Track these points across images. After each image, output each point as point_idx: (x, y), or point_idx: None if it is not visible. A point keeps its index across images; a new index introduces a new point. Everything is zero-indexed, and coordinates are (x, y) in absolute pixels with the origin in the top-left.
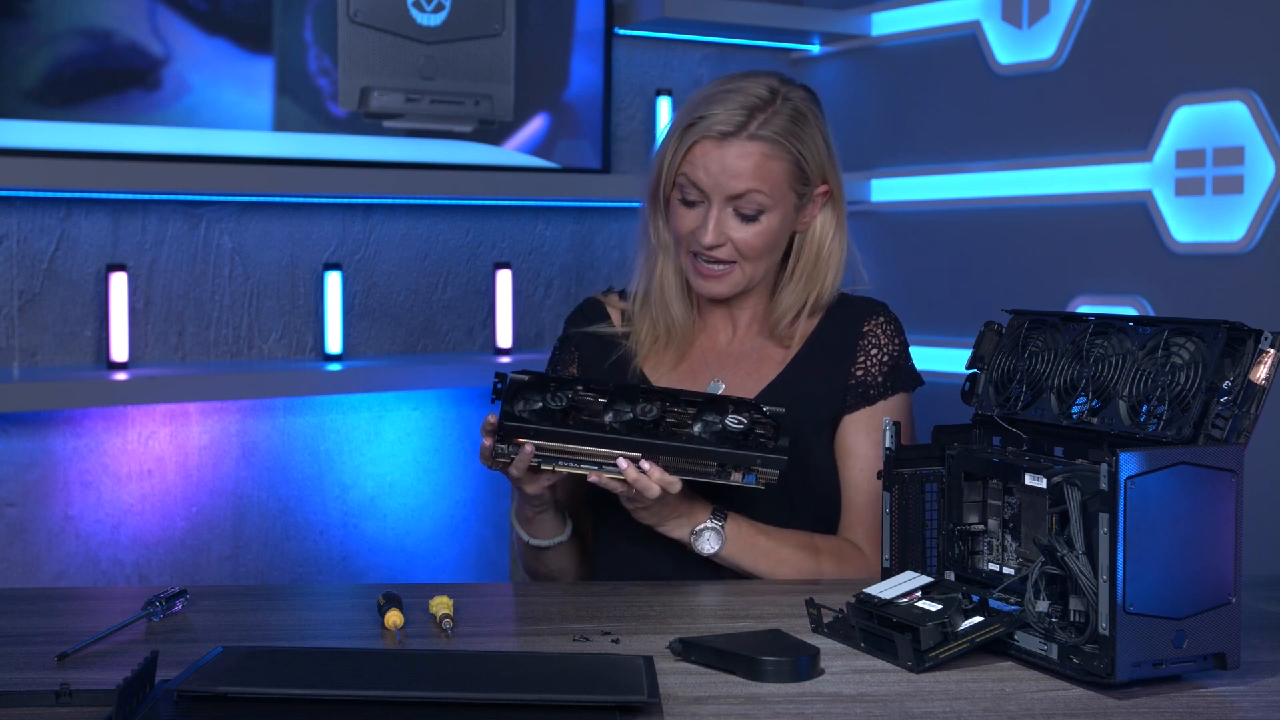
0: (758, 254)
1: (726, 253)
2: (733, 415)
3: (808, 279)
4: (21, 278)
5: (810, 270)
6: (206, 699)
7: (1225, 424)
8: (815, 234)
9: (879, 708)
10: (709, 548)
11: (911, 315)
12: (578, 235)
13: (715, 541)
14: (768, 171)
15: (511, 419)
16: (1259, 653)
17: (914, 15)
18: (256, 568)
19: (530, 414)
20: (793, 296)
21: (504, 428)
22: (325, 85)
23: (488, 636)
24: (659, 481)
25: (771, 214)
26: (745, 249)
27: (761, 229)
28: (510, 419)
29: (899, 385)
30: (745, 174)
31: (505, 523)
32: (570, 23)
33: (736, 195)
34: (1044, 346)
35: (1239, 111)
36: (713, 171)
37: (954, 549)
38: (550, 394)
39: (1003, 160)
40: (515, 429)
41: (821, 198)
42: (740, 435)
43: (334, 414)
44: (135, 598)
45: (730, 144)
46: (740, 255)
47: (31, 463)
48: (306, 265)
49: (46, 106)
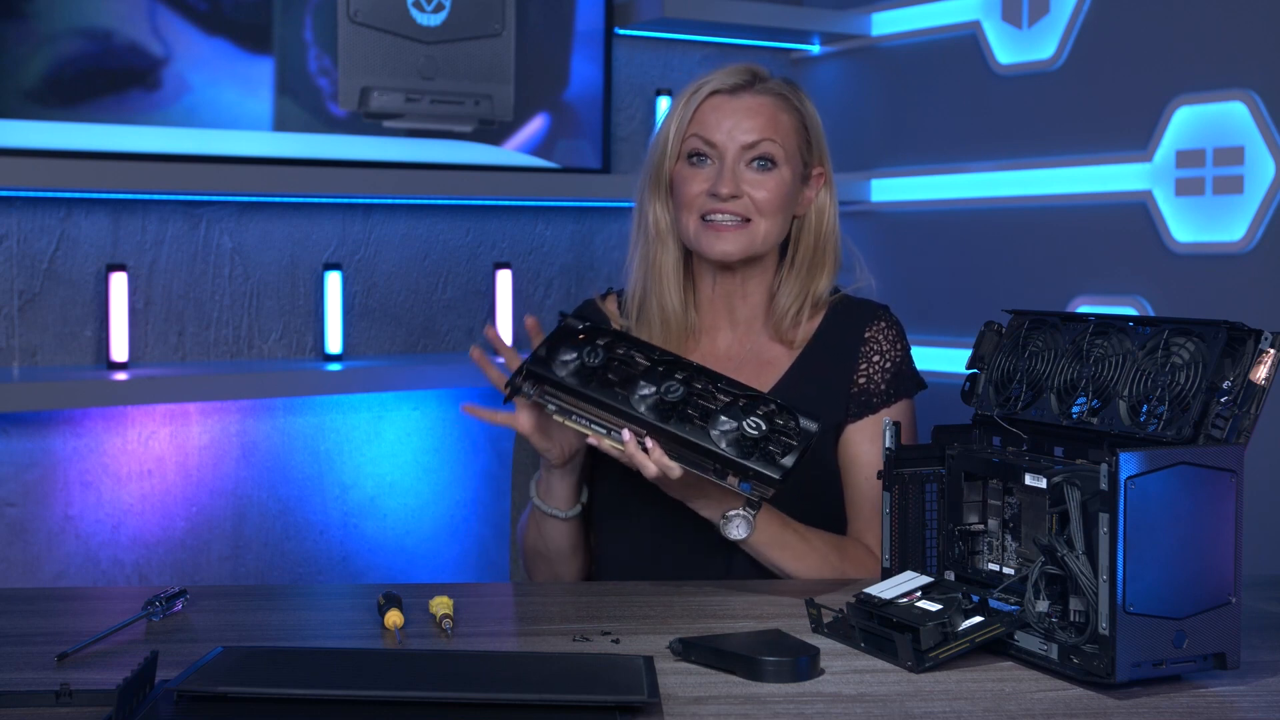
0: (770, 209)
1: (740, 206)
2: (753, 418)
3: (808, 268)
4: (21, 278)
5: (810, 259)
6: (206, 699)
7: (1225, 424)
8: (813, 220)
9: (879, 708)
10: (737, 534)
11: (911, 315)
12: (578, 235)
13: (744, 529)
14: (779, 123)
15: (541, 364)
16: (1259, 653)
17: (914, 15)
18: (256, 568)
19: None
20: (794, 288)
21: (529, 371)
22: (325, 85)
23: (488, 636)
24: (658, 463)
25: (783, 168)
26: (760, 202)
27: (774, 181)
28: (539, 364)
29: (902, 392)
30: (759, 124)
31: (505, 523)
32: (570, 23)
33: (750, 145)
34: (1044, 346)
35: (1239, 111)
36: (725, 125)
37: (954, 549)
38: (590, 349)
39: (1003, 160)
40: (538, 375)
41: (818, 180)
42: (753, 441)
43: (334, 414)
44: (135, 598)
45: (741, 96)
46: (755, 210)
47: (31, 463)
48: (306, 265)
49: (46, 106)
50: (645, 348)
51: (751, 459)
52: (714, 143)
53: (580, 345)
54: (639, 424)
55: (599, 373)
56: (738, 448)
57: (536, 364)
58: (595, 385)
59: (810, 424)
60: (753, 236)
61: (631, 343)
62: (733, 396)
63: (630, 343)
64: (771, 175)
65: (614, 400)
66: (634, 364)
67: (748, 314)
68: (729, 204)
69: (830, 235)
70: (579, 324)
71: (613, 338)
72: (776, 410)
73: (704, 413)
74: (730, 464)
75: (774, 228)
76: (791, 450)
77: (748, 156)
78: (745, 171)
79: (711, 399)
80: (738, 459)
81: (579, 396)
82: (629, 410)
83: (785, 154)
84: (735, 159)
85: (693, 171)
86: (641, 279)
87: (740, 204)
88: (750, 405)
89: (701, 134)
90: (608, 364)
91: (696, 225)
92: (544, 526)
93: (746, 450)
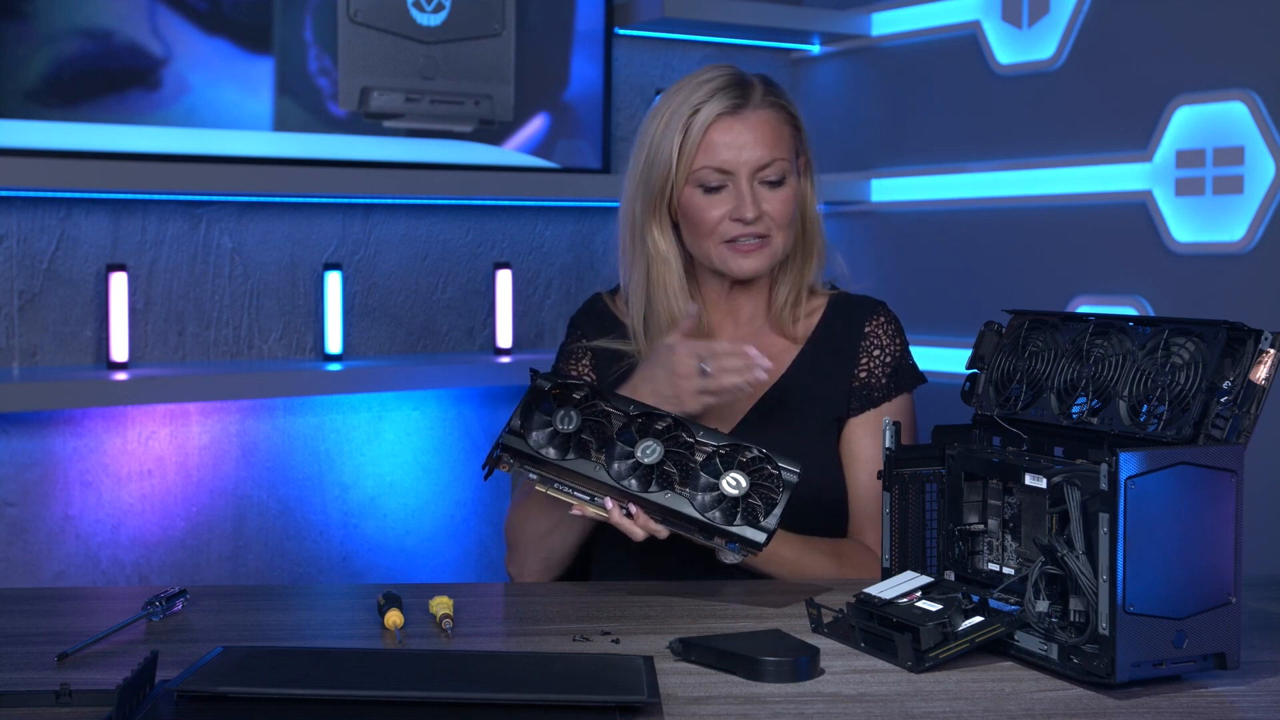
0: (785, 221)
1: (763, 226)
2: (732, 475)
3: (801, 255)
4: (21, 278)
5: (802, 245)
6: (206, 699)
7: (1225, 424)
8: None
9: (879, 708)
10: (733, 558)
11: (911, 315)
12: (578, 235)
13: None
14: (781, 136)
15: (517, 438)
16: (1259, 653)
17: (914, 15)
18: (256, 568)
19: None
20: (790, 277)
21: (505, 447)
22: (325, 85)
23: (488, 636)
24: (644, 528)
25: (790, 179)
26: (778, 218)
27: (787, 195)
28: (515, 438)
29: (902, 385)
30: (767, 142)
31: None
32: (570, 23)
33: (762, 165)
34: (1044, 346)
35: (1239, 111)
36: (735, 146)
37: (954, 549)
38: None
39: (1003, 160)
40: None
41: (805, 169)
42: (734, 500)
43: (334, 414)
44: (135, 598)
45: (744, 114)
46: (774, 225)
47: (31, 463)
48: (306, 265)
49: (46, 106)
50: (620, 401)
51: (734, 522)
52: (727, 170)
53: (554, 409)
54: (620, 495)
55: (575, 438)
56: (720, 508)
57: (513, 438)
58: (574, 453)
59: (791, 474)
60: (774, 251)
61: (605, 398)
62: (712, 449)
63: (603, 398)
64: (783, 189)
65: (592, 472)
66: (609, 422)
67: (750, 312)
68: (753, 226)
69: (815, 219)
70: (548, 383)
71: (585, 394)
72: (757, 458)
73: (684, 470)
74: (712, 531)
75: (789, 237)
76: (773, 505)
77: (760, 176)
78: (760, 190)
79: (690, 452)
80: (720, 525)
81: (557, 470)
82: (608, 483)
83: (790, 164)
84: (749, 180)
85: (709, 200)
86: (643, 295)
87: (762, 224)
88: (729, 456)
89: (713, 164)
90: (583, 425)
91: (719, 249)
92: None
93: (729, 509)
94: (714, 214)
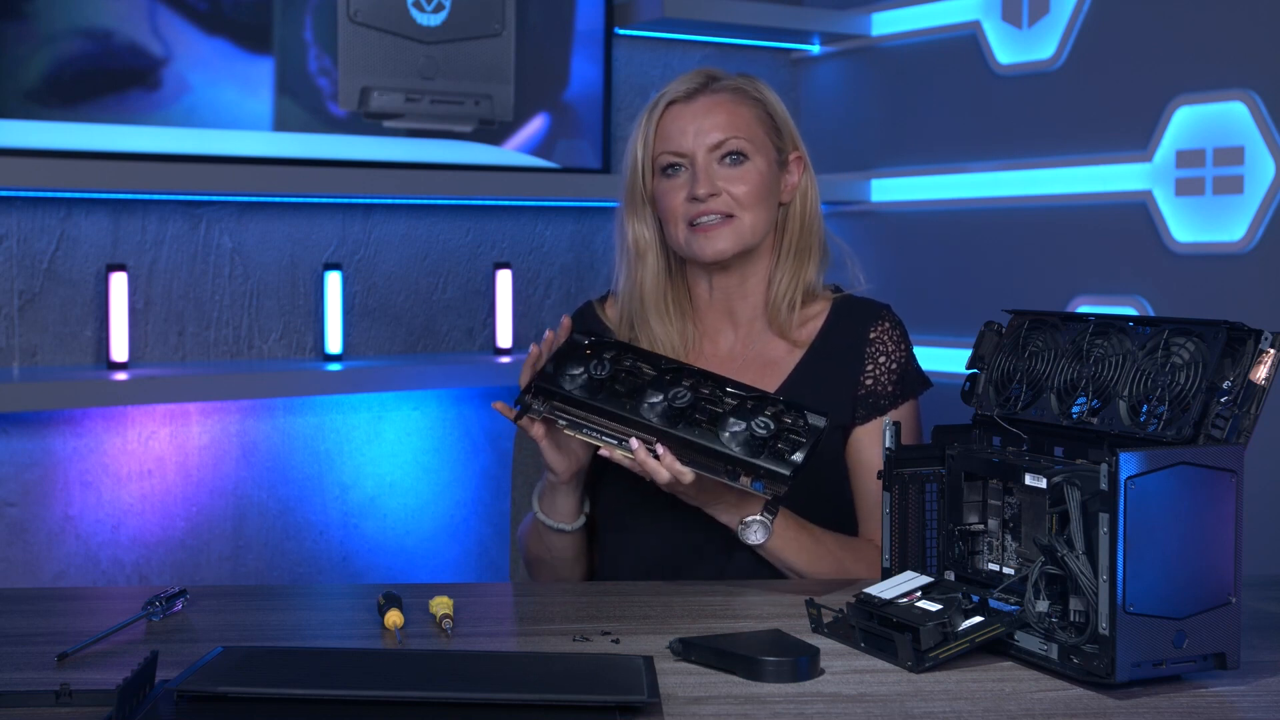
0: (751, 200)
1: (722, 204)
2: (761, 418)
3: (796, 254)
4: (21, 278)
5: (797, 244)
6: (206, 699)
7: (1225, 424)
8: (797, 205)
9: (879, 708)
10: (755, 539)
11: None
12: (578, 235)
13: (762, 534)
14: (740, 116)
15: (549, 380)
16: (1259, 653)
17: (914, 15)
18: (256, 568)
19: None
20: (786, 275)
21: (537, 386)
22: (325, 85)
23: (488, 636)
24: (669, 469)
25: (755, 159)
26: (740, 196)
27: (749, 172)
28: (547, 379)
29: (908, 392)
30: (721, 121)
31: (505, 523)
32: (570, 23)
33: (716, 145)
34: (1044, 346)
35: (1239, 111)
36: (689, 131)
37: (954, 549)
38: (596, 362)
39: (1003, 160)
40: (547, 390)
41: (797, 164)
42: (762, 441)
43: (334, 414)
44: (135, 598)
45: (696, 100)
46: (736, 204)
47: (31, 463)
48: (306, 265)
49: (46, 106)
50: (651, 357)
51: (761, 457)
52: (682, 151)
53: (587, 359)
54: (648, 431)
55: (606, 385)
56: (747, 448)
57: (544, 380)
58: (603, 397)
59: (818, 420)
60: (739, 230)
61: (637, 353)
62: (740, 399)
63: (635, 353)
64: (745, 168)
65: (622, 410)
66: (641, 374)
67: (749, 314)
68: (710, 203)
69: (815, 218)
70: (584, 339)
71: (618, 350)
72: (784, 409)
73: (712, 416)
74: (741, 464)
75: (760, 218)
76: (800, 447)
77: (718, 155)
78: (719, 170)
79: (719, 403)
80: (748, 458)
81: (587, 409)
82: (638, 418)
83: (754, 145)
84: (706, 160)
85: (669, 184)
86: (628, 301)
87: (721, 201)
88: (758, 406)
89: (668, 147)
90: (615, 376)
91: (685, 233)
92: (547, 538)
93: (756, 450)
94: (674, 197)
